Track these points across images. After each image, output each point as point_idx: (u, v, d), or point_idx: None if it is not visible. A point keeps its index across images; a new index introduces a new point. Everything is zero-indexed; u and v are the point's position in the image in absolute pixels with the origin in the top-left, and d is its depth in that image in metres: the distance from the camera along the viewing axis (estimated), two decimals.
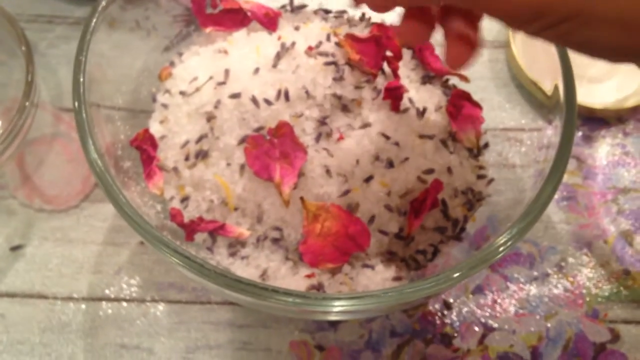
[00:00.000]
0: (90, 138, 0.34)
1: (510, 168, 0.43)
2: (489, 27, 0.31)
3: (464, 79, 0.44)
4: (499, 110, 0.45)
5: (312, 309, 0.30)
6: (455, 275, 0.32)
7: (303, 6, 0.46)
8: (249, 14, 0.43)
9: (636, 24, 0.23)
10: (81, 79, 0.35)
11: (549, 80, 0.38)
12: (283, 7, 0.46)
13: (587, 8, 0.23)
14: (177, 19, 0.47)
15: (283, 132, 0.37)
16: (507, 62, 0.48)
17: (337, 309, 0.30)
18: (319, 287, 0.36)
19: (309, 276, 0.37)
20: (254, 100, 0.38)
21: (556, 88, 0.37)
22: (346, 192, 0.37)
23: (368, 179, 0.38)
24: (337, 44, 0.40)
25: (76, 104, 0.35)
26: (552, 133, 0.38)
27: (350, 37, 0.40)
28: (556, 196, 0.47)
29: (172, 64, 0.43)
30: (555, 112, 0.37)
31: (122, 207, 0.32)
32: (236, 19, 0.44)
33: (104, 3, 0.39)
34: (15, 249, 0.42)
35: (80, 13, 0.51)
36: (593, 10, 0.23)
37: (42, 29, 0.50)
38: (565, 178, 0.47)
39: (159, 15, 0.46)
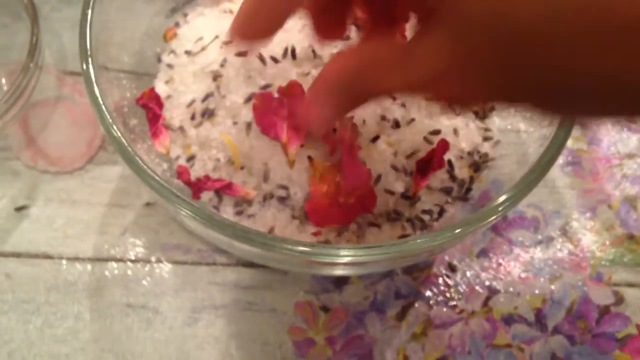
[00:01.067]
0: (97, 88, 0.34)
1: (515, 132, 0.43)
2: None
3: None
4: None
5: (319, 259, 0.30)
6: (457, 230, 0.31)
7: None
8: None
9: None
10: (88, 36, 0.34)
11: None
12: None
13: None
14: None
15: (293, 92, 0.37)
16: None
17: (344, 259, 0.30)
18: (326, 244, 0.36)
19: (315, 234, 0.37)
20: (261, 58, 0.37)
21: None
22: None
23: (374, 139, 0.38)
24: None
25: (84, 64, 0.34)
26: None
27: None
28: (560, 161, 0.47)
29: (177, 24, 0.43)
30: None
31: (132, 161, 0.32)
32: None
33: None
34: (20, 209, 0.42)
35: None
36: None
37: None
38: (570, 143, 0.47)
39: None
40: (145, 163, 0.32)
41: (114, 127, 0.32)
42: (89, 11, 0.35)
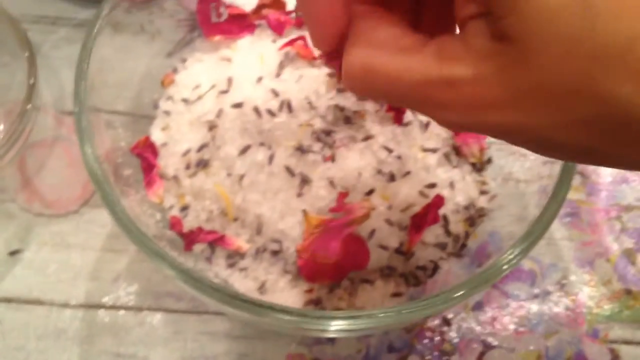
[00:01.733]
0: (89, 145, 0.34)
1: (514, 183, 0.42)
2: None
3: None
4: None
5: (310, 327, 0.30)
6: (456, 295, 0.31)
7: None
8: (257, 22, 0.43)
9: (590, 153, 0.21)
10: (83, 86, 0.35)
11: None
12: (289, 13, 0.45)
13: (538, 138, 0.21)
14: (182, 24, 0.47)
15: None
16: None
17: (335, 327, 0.30)
18: (317, 302, 0.36)
19: (307, 291, 0.36)
20: (257, 110, 0.37)
21: None
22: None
23: (369, 192, 0.38)
24: None
25: (77, 110, 0.35)
26: None
27: None
28: (559, 212, 0.46)
29: (175, 70, 0.43)
30: None
31: (118, 217, 0.32)
32: (242, 25, 0.44)
33: (108, 7, 0.39)
34: (13, 253, 0.42)
35: (85, 15, 0.51)
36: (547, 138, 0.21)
37: (45, 31, 0.50)
38: (569, 194, 0.47)
39: (163, 19, 0.46)
40: (134, 217, 0.32)
41: (99, 174, 0.32)
42: (85, 65, 0.35)
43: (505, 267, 0.32)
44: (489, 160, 0.42)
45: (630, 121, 0.18)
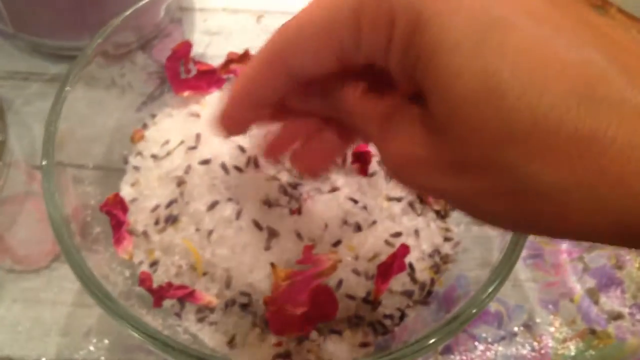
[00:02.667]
0: (55, 204, 0.34)
1: (477, 228, 0.43)
2: None
3: None
4: None
5: None
6: (428, 343, 0.32)
7: None
8: (225, 77, 0.44)
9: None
10: (51, 148, 0.35)
11: None
12: None
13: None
14: (152, 76, 0.48)
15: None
16: None
17: None
18: (286, 356, 0.37)
19: (276, 344, 0.37)
20: (224, 167, 0.38)
21: None
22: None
23: (336, 243, 0.39)
24: None
25: (45, 169, 0.35)
26: None
27: None
28: (523, 254, 0.48)
29: (144, 126, 0.44)
30: None
31: (83, 278, 0.32)
32: (211, 80, 0.45)
33: (81, 63, 0.39)
34: None
35: (57, 70, 0.52)
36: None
37: (17, 86, 0.50)
38: (532, 236, 0.48)
39: (134, 73, 0.46)
40: (102, 275, 0.33)
41: (65, 235, 0.33)
42: (52, 128, 0.35)
43: (474, 311, 0.33)
44: (454, 207, 0.43)
45: (542, 197, 0.20)
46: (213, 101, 0.43)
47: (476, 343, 0.44)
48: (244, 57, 0.46)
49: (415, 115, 0.23)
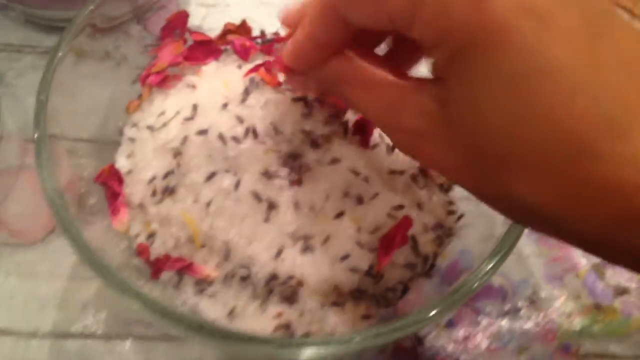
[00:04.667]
0: (49, 175, 0.33)
1: (480, 202, 0.42)
2: None
3: None
4: None
5: (280, 354, 0.30)
6: (429, 315, 0.32)
7: (274, 40, 0.45)
8: (223, 47, 0.43)
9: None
10: (42, 118, 0.34)
11: None
12: (254, 39, 0.45)
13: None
14: (148, 49, 0.47)
15: None
16: None
17: (307, 354, 0.30)
18: (287, 327, 0.36)
19: (277, 316, 0.36)
20: (222, 137, 0.37)
21: None
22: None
23: (338, 215, 0.38)
24: None
25: (37, 140, 0.34)
26: None
27: None
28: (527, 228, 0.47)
29: (140, 97, 0.43)
30: None
31: (80, 248, 0.32)
32: (207, 51, 0.44)
33: (71, 33, 0.38)
34: None
35: (50, 42, 0.50)
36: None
37: (10, 58, 0.49)
38: None
39: (129, 46, 0.45)
40: (98, 247, 0.32)
41: (60, 206, 0.32)
42: (44, 97, 0.34)
43: (475, 285, 0.33)
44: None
45: (530, 211, 0.23)
46: (210, 72, 0.42)
47: (480, 317, 0.43)
48: (242, 27, 0.45)
49: (431, 93, 0.25)
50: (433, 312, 0.32)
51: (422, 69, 0.31)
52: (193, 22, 0.46)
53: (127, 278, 0.32)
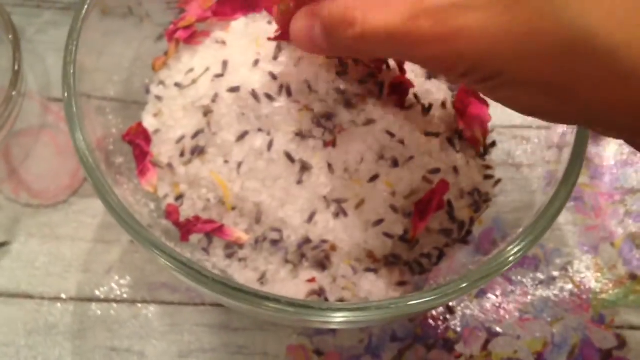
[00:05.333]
0: (80, 131, 0.32)
1: (517, 167, 0.41)
2: None
3: None
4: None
5: (313, 319, 0.29)
6: (463, 286, 0.31)
7: None
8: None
9: (555, 89, 0.24)
10: (71, 70, 0.33)
11: None
12: None
13: (507, 70, 0.24)
14: (172, 6, 0.45)
15: None
16: None
17: (339, 319, 0.29)
18: (320, 293, 0.35)
19: (309, 281, 0.35)
20: (254, 94, 0.36)
21: None
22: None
23: (373, 178, 0.36)
24: None
25: (66, 95, 0.33)
26: (562, 132, 0.37)
27: None
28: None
29: (166, 53, 0.41)
30: None
31: (112, 206, 0.30)
32: (235, 6, 0.42)
33: None
34: (0, 246, 0.40)
35: None
36: (513, 73, 0.24)
37: (30, 14, 0.48)
38: None
39: (152, 2, 0.44)
40: (127, 206, 0.31)
41: (91, 162, 0.31)
42: (73, 47, 0.33)
43: (511, 259, 0.32)
44: (493, 144, 0.41)
45: (591, 52, 0.21)
46: (239, 28, 0.41)
47: (512, 287, 0.42)
48: None
49: None
50: (467, 283, 0.31)
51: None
52: None
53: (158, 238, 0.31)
